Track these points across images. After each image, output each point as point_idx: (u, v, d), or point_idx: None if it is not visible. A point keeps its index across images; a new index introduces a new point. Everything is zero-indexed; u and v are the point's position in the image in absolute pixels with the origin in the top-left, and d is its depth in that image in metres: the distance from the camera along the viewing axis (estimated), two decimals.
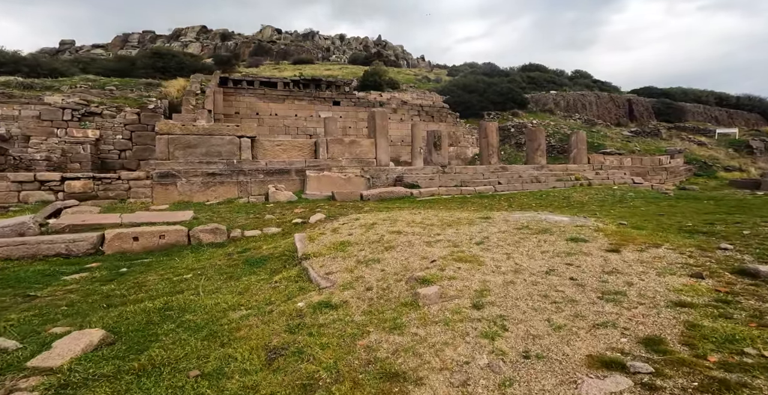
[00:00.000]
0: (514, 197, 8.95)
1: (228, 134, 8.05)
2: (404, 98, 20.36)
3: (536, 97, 27.56)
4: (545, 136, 12.98)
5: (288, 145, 8.94)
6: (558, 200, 8.09)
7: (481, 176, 10.85)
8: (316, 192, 8.56)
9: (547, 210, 6.40)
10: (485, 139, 11.92)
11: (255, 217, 5.84)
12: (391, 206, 7.15)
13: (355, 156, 9.63)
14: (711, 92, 37.68)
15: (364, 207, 6.84)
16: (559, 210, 6.45)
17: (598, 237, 3.80)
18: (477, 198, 8.70)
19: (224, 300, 2.97)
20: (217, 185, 7.94)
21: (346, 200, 8.23)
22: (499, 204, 7.41)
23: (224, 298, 3.02)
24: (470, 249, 3.48)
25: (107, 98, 12.28)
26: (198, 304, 2.90)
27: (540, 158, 12.75)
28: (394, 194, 8.70)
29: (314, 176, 8.58)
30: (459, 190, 9.57)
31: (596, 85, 36.76)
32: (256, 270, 3.71)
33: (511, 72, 33.69)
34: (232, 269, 3.79)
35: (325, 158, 9.26)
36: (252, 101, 17.21)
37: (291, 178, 8.74)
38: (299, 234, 4.30)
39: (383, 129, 9.95)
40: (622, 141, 19.22)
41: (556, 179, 11.80)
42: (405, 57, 45.57)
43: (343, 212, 6.16)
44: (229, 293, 3.14)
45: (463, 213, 5.75)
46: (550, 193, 9.75)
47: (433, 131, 10.68)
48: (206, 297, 3.04)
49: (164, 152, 7.50)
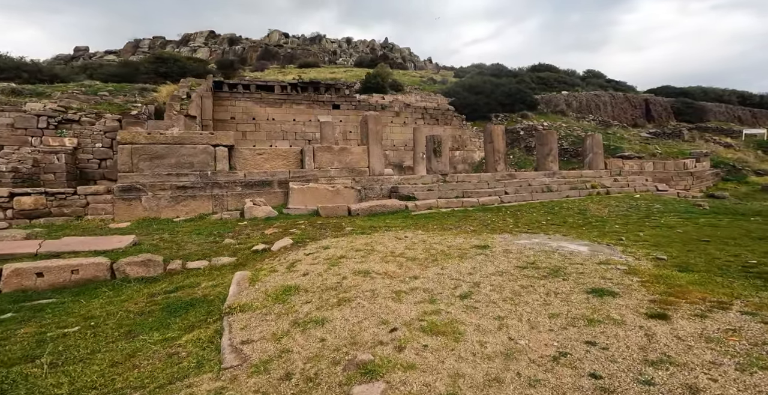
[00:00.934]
0: (521, 210, 7.89)
1: (201, 143, 7.23)
2: (407, 101, 19.42)
3: (547, 98, 26.29)
4: (557, 139, 11.87)
5: (271, 154, 8.09)
6: (573, 215, 7.00)
7: (485, 185, 9.80)
8: (300, 206, 7.67)
9: (561, 231, 5.35)
10: (491, 144, 10.87)
11: (213, 241, 4.97)
12: (379, 224, 6.20)
13: (346, 165, 8.71)
14: (733, 91, 35.67)
15: (346, 227, 5.91)
16: (574, 231, 5.38)
17: (631, 286, 2.77)
18: (480, 212, 7.67)
19: (80, 377, 2.07)
20: (189, 199, 7.12)
21: (331, 215, 7.32)
22: (504, 221, 6.38)
23: (85, 372, 2.11)
24: (449, 308, 2.50)
25: (91, 104, 11.69)
26: (32, 385, 2.00)
27: (551, 164, 11.62)
28: (386, 207, 7.75)
29: (298, 188, 7.70)
30: (460, 202, 8.55)
31: (610, 85, 35.21)
32: (171, 322, 2.81)
33: (520, 72, 32.39)
34: (142, 318, 2.90)
35: (312, 168, 8.37)
36: (248, 105, 16.53)
37: (273, 190, 7.87)
38: (241, 273, 3.39)
39: (377, 135, 9.02)
40: (640, 143, 17.85)
41: (570, 188, 10.66)
42: (412, 59, 44.69)
43: (318, 235, 5.24)
44: (101, 362, 2.23)
45: (457, 238, 4.76)
46: (564, 204, 8.64)
47: (433, 136, 9.72)
48: (57, 372, 2.14)
49: (127, 163, 6.72)
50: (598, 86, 33.08)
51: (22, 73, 17.40)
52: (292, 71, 31.48)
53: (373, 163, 8.94)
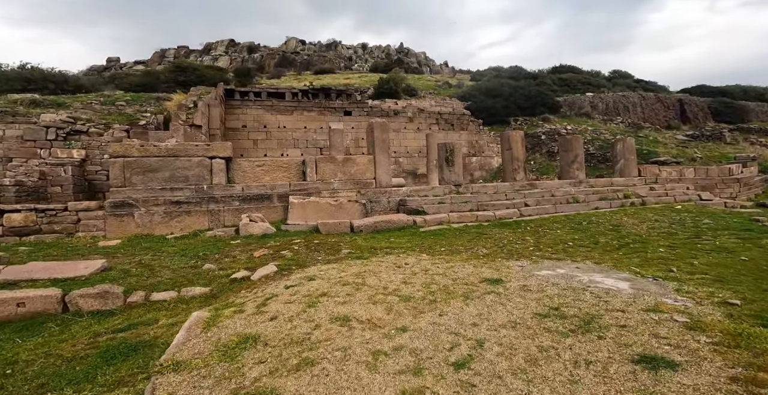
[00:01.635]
0: (543, 225, 7.08)
1: (196, 155, 6.88)
2: (421, 106, 18.81)
3: (570, 100, 25.06)
4: (583, 144, 10.93)
5: (271, 165, 7.67)
6: (605, 233, 6.15)
7: (503, 196, 9.03)
8: (300, 222, 7.18)
9: (592, 256, 4.56)
10: (509, 151, 10.08)
11: (193, 266, 4.49)
12: (381, 244, 5.59)
13: (350, 177, 8.18)
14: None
15: (343, 248, 5.33)
16: (609, 256, 4.59)
17: (699, 351, 2.03)
18: (496, 228, 6.93)
19: None
20: (183, 215, 6.76)
21: (332, 232, 6.77)
22: (522, 241, 5.63)
23: None
24: (438, 386, 1.85)
25: (103, 115, 11.73)
26: None
27: (577, 172, 10.68)
28: (392, 223, 7.14)
29: (298, 202, 7.21)
30: (474, 216, 7.82)
31: (639, 86, 33.41)
32: (100, 373, 2.29)
33: (540, 74, 31.12)
34: (69, 366, 2.40)
35: (314, 181, 7.88)
36: (259, 113, 16.38)
37: (272, 205, 7.42)
38: (198, 313, 2.85)
39: (384, 143, 8.45)
40: (677, 147, 16.48)
41: (599, 198, 9.70)
42: (428, 63, 44.19)
43: (308, 260, 4.68)
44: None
45: (466, 266, 4.08)
46: (593, 218, 7.77)
47: (444, 144, 9.06)
48: None
49: (119, 177, 6.43)
50: (626, 87, 31.44)
51: (48, 83, 17.95)
52: (307, 78, 31.58)
53: (379, 174, 8.36)
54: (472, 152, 18.98)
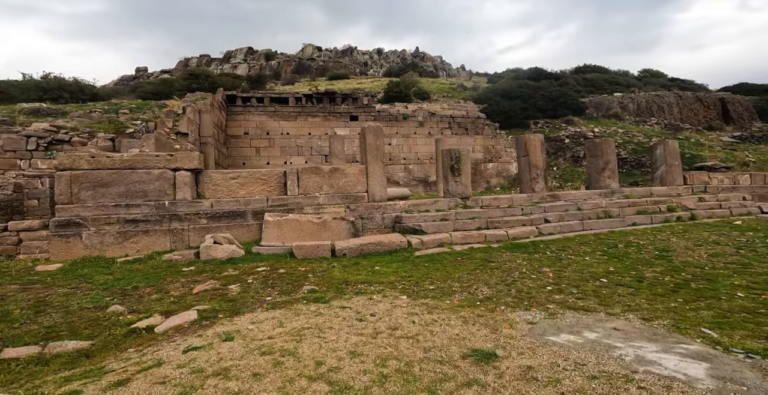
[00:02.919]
0: (567, 248, 5.77)
1: (157, 167, 6.03)
2: (433, 109, 17.66)
3: (596, 101, 23.24)
4: (615, 148, 9.47)
5: (247, 177, 6.74)
6: (650, 262, 4.79)
7: (518, 210, 7.73)
8: (276, 243, 6.18)
9: (636, 306, 3.26)
10: (525, 157, 8.77)
11: (100, 307, 3.53)
12: (358, 276, 4.49)
13: (338, 190, 7.14)
14: None
15: (306, 283, 4.26)
16: (662, 303, 3.28)
17: None
18: (507, 252, 5.68)
19: None
20: (140, 234, 5.90)
21: (309, 256, 5.73)
22: (538, 275, 4.38)
23: None
24: None
25: (92, 123, 11.27)
26: None
27: (609, 180, 9.22)
28: (382, 246, 6.02)
29: (273, 220, 6.22)
30: (482, 236, 6.58)
31: (674, 84, 30.93)
32: None
33: (562, 75, 29.20)
34: None
35: (296, 195, 6.88)
36: (262, 119, 15.71)
37: (246, 223, 6.47)
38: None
39: (377, 151, 7.37)
40: (724, 150, 14.53)
41: (637, 211, 8.22)
42: (444, 67, 43.06)
43: (253, 301, 3.64)
44: None
45: (453, 321, 2.91)
46: (631, 238, 6.37)
47: (449, 150, 7.88)
48: None
49: (65, 193, 5.65)
50: (660, 86, 29.14)
51: (64, 93, 18.13)
52: (321, 83, 31.13)
53: (372, 186, 7.28)
54: (488, 157, 17.62)
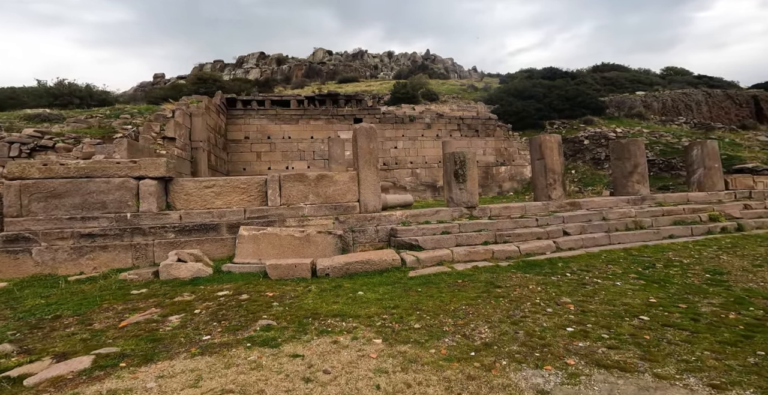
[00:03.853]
0: (592, 268, 4.75)
1: (117, 175, 5.33)
2: (442, 110, 16.70)
3: (617, 100, 21.80)
4: (644, 149, 8.32)
5: (224, 186, 5.98)
6: (702, 290, 3.74)
7: (532, 221, 6.72)
8: (251, 260, 5.37)
9: (699, 366, 2.25)
10: (540, 160, 7.74)
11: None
12: (333, 305, 3.61)
13: (326, 199, 6.30)
14: None
15: (264, 315, 3.41)
16: (731, 352, 2.29)
17: None
18: (517, 273, 4.70)
19: None
20: (98, 250, 5.19)
21: (286, 276, 4.90)
22: (555, 308, 3.39)
23: None
24: None
25: (82, 128, 10.83)
26: None
27: (638, 185, 8.08)
28: (372, 264, 5.13)
29: (249, 235, 5.42)
30: (489, 252, 5.61)
31: (702, 82, 29.04)
32: None
33: (579, 74, 27.65)
34: None
35: (277, 205, 6.07)
36: (263, 123, 15.09)
37: (220, 237, 5.69)
38: None
39: (370, 155, 6.50)
40: (762, 150, 13.08)
41: (673, 221, 7.08)
42: (455, 69, 42.02)
43: (184, 340, 2.80)
44: None
45: (432, 385, 2.01)
46: (670, 253, 5.29)
47: (453, 154, 6.95)
48: None
49: (15, 205, 5.00)
50: (686, 83, 27.35)
51: (74, 98, 18.13)
52: (330, 87, 30.64)
53: (364, 195, 6.41)
54: (500, 160, 16.53)
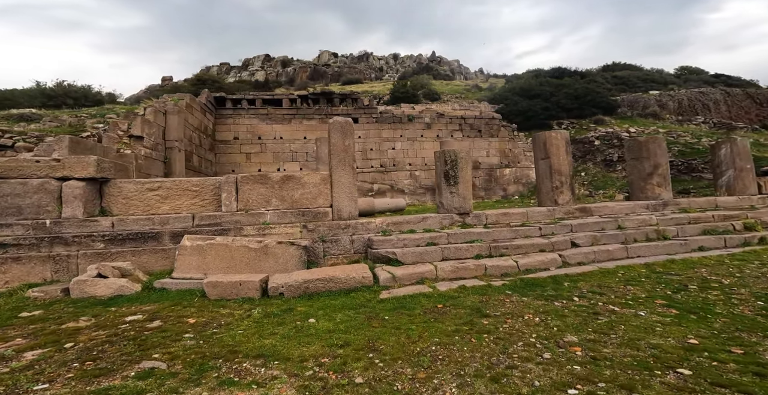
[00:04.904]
0: (606, 289, 3.67)
1: (36, 176, 4.48)
2: (443, 110, 15.69)
3: (630, 100, 20.51)
4: (665, 148, 7.20)
5: (172, 188, 5.09)
6: (755, 322, 2.67)
7: (535, 230, 5.65)
8: (195, 275, 4.44)
9: None
10: (545, 160, 6.68)
11: None
12: (265, 340, 2.62)
13: (292, 204, 5.35)
14: None
15: (157, 352, 2.46)
16: None
17: None
18: (512, 296, 3.65)
19: None
20: (10, 262, 4.32)
21: (228, 296, 3.96)
22: (558, 352, 2.36)
23: None
24: None
25: (55, 127, 10.15)
26: None
27: (658, 189, 6.95)
28: (336, 283, 4.15)
29: (192, 245, 4.50)
30: (481, 267, 4.58)
31: (720, 81, 27.47)
32: None
33: (589, 73, 26.27)
34: None
35: (233, 211, 5.15)
36: (253, 123, 14.29)
37: (161, 247, 4.78)
38: None
39: (345, 153, 5.54)
40: None
41: (702, 231, 5.94)
42: (461, 71, 41.05)
43: None
44: None
45: None
46: (703, 273, 4.19)
47: (443, 152, 5.95)
48: None
49: None
50: (703, 82, 25.88)
51: (68, 99, 17.85)
52: (334, 88, 29.96)
53: (338, 199, 5.44)
54: (504, 162, 15.43)
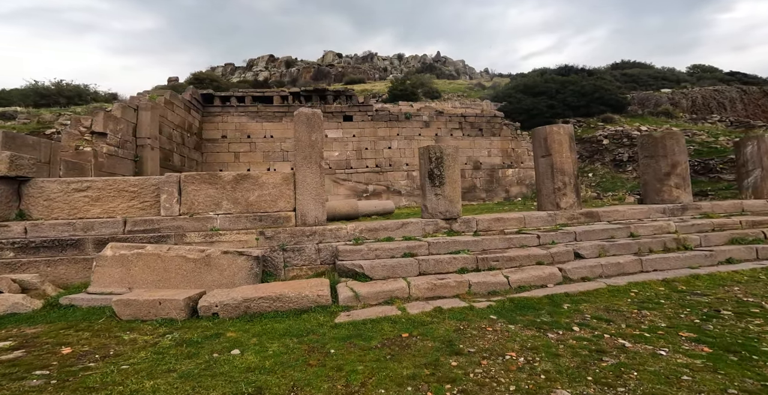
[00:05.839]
0: (615, 319, 2.74)
1: None
2: (442, 108, 14.82)
3: (641, 97, 19.39)
4: (683, 145, 6.26)
5: (104, 189, 4.35)
6: None
7: (533, 238, 4.76)
8: (114, 290, 3.67)
9: None
10: (547, 158, 5.78)
11: None
12: (143, 383, 1.84)
13: (248, 207, 4.55)
14: None
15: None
16: None
17: None
18: (498, 322, 2.77)
19: None
20: None
21: (145, 317, 3.16)
22: None
23: None
24: None
25: (18, 125, 9.57)
26: None
27: (677, 191, 5.99)
28: (284, 302, 3.33)
29: (115, 255, 3.73)
30: (464, 283, 3.71)
31: (735, 79, 26.12)
32: None
33: (597, 71, 25.04)
34: None
35: (174, 215, 4.37)
36: (242, 121, 13.59)
37: (84, 255, 4.02)
38: None
39: (312, 149, 4.73)
40: None
41: (729, 239, 4.98)
42: (466, 71, 40.13)
43: None
44: None
45: None
46: (737, 292, 3.25)
47: (428, 148, 5.10)
48: None
49: None
50: (717, 80, 24.61)
51: (60, 98, 17.66)
52: (336, 88, 29.35)
53: (303, 202, 4.62)
54: (507, 162, 14.48)
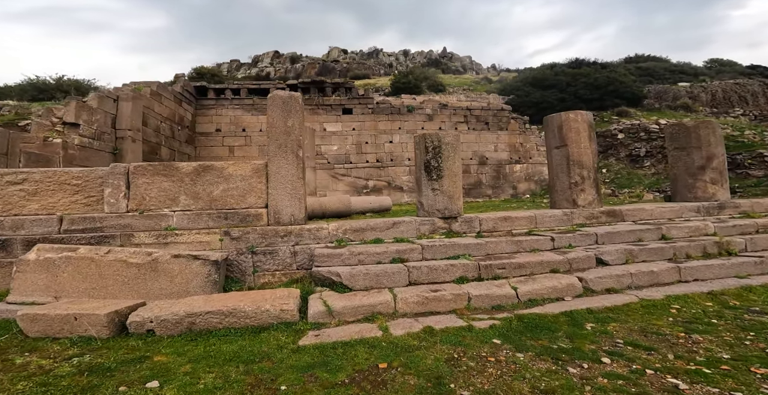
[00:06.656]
0: (657, 346, 1.95)
1: None
2: (446, 101, 14.01)
3: (658, 90, 18.31)
4: (719, 137, 5.41)
5: (43, 182, 3.71)
6: None
7: (546, 241, 3.99)
8: (38, 299, 3.01)
9: None
10: (561, 148, 5.00)
11: None
12: None
13: (211, 203, 3.86)
14: None
15: None
16: None
17: None
18: (503, 348, 2.01)
19: None
20: None
21: (58, 333, 2.47)
22: None
23: None
24: None
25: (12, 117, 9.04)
26: None
27: (713, 187, 5.16)
28: (239, 318, 2.62)
29: (39, 259, 3.08)
30: (463, 296, 2.98)
31: (756, 72, 24.75)
32: None
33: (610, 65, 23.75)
34: None
35: (121, 211, 3.70)
36: (237, 114, 12.97)
37: (12, 258, 3.37)
38: None
39: (288, 137, 4.03)
40: None
41: None
42: (473, 67, 39.08)
43: None
44: None
45: None
46: None
47: (423, 136, 4.37)
48: None
49: None
50: (738, 74, 23.30)
51: (58, 93, 17.38)
52: (335, 80, 28.68)
53: (276, 198, 3.92)
54: (515, 157, 13.63)
